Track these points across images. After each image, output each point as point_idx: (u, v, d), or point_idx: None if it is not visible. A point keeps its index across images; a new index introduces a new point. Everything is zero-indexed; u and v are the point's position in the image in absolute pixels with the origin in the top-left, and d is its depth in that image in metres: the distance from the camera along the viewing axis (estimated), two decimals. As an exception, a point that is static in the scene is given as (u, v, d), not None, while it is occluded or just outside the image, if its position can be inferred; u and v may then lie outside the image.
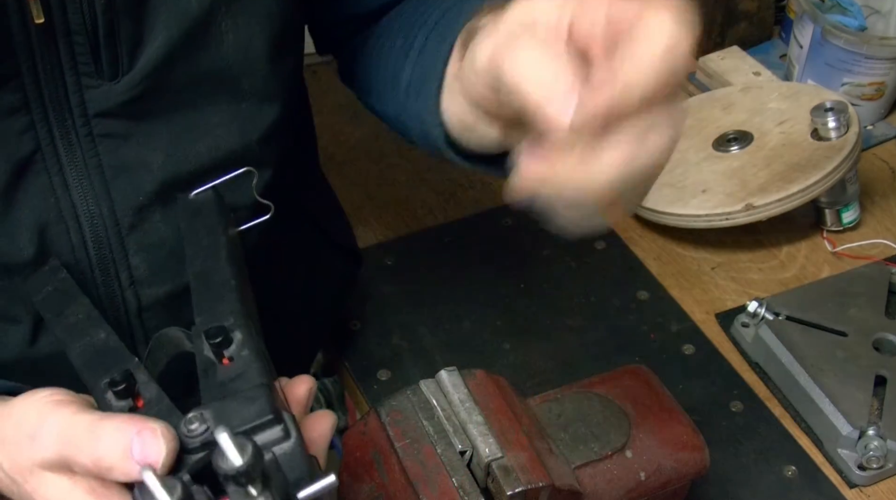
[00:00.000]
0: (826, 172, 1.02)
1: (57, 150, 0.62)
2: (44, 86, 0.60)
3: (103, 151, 0.63)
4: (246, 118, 0.68)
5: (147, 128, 0.64)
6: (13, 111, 0.60)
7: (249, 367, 0.50)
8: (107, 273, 0.67)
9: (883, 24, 1.24)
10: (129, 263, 0.67)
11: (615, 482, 0.69)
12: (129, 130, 0.63)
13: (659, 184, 1.09)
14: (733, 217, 1.03)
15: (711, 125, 1.14)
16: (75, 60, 0.60)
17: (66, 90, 0.61)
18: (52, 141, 0.62)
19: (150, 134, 0.64)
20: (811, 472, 0.89)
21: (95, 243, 0.65)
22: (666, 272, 1.07)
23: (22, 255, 0.64)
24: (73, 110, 0.62)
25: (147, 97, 0.63)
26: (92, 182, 0.64)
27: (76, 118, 0.62)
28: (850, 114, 1.05)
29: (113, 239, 0.66)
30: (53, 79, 0.60)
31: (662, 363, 0.97)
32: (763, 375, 0.97)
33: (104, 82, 0.61)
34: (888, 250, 1.09)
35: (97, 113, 0.62)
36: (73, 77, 0.60)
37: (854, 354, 0.93)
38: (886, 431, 0.87)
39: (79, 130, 0.62)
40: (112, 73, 0.61)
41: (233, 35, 0.64)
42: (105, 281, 0.67)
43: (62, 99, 0.61)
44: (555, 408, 0.71)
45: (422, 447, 0.65)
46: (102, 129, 0.63)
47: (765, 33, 1.35)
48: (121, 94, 0.62)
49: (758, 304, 0.97)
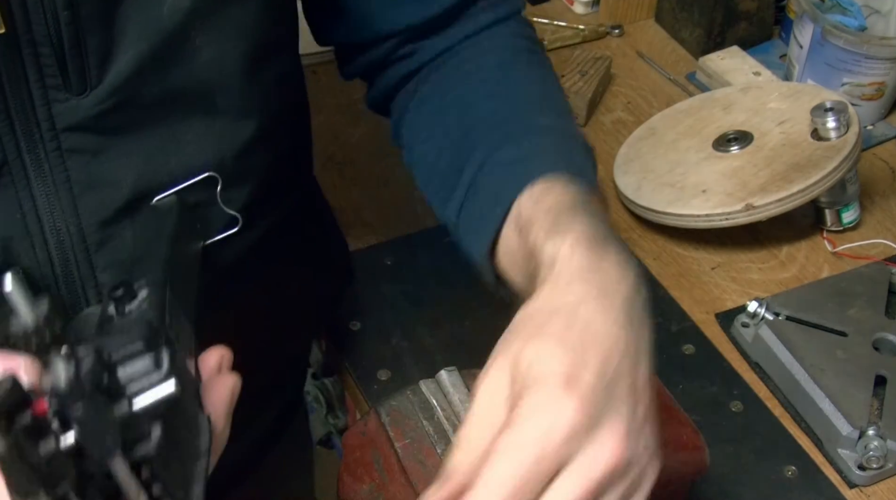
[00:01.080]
0: (826, 172, 1.02)
1: (24, 163, 0.60)
2: (9, 97, 0.58)
3: (72, 167, 0.61)
4: (221, 135, 0.66)
5: (118, 144, 0.62)
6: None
7: (145, 315, 0.47)
8: (73, 290, 0.65)
9: (883, 24, 1.24)
10: (96, 279, 0.65)
11: (615, 482, 0.69)
12: (99, 146, 0.62)
13: (659, 184, 1.10)
14: (733, 217, 1.03)
15: (711, 125, 1.14)
16: (42, 72, 0.58)
17: (34, 103, 0.59)
18: (20, 154, 0.60)
19: (121, 150, 0.62)
20: (811, 472, 0.89)
21: (62, 260, 0.64)
22: (666, 272, 1.07)
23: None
24: (40, 124, 0.60)
25: (117, 112, 0.61)
26: (60, 198, 0.62)
27: (44, 132, 0.60)
28: (850, 114, 1.05)
29: (80, 256, 0.64)
30: (19, 91, 0.58)
31: (662, 363, 0.96)
32: (763, 375, 0.97)
33: (72, 96, 0.59)
34: (888, 249, 1.09)
35: (65, 127, 0.60)
36: (40, 90, 0.59)
37: (854, 354, 0.93)
38: (886, 431, 0.87)
39: (47, 144, 0.60)
40: (80, 87, 0.59)
41: (207, 50, 0.62)
42: (70, 297, 0.65)
43: (29, 112, 0.59)
44: (555, 408, 0.71)
45: (422, 447, 0.65)
46: (71, 144, 0.61)
47: (765, 33, 1.35)
48: (89, 108, 0.60)
49: (758, 304, 0.97)
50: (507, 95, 0.74)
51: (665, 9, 1.37)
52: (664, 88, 1.29)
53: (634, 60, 1.34)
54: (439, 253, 1.08)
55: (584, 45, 1.35)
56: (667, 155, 1.14)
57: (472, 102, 0.74)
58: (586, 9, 1.40)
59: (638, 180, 1.12)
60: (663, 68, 1.32)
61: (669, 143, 1.15)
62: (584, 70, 1.25)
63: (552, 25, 1.38)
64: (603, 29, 1.37)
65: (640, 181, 1.11)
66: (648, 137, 1.18)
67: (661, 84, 1.30)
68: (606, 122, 1.25)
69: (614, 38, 1.37)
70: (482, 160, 0.69)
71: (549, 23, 1.39)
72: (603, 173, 1.18)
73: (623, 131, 1.22)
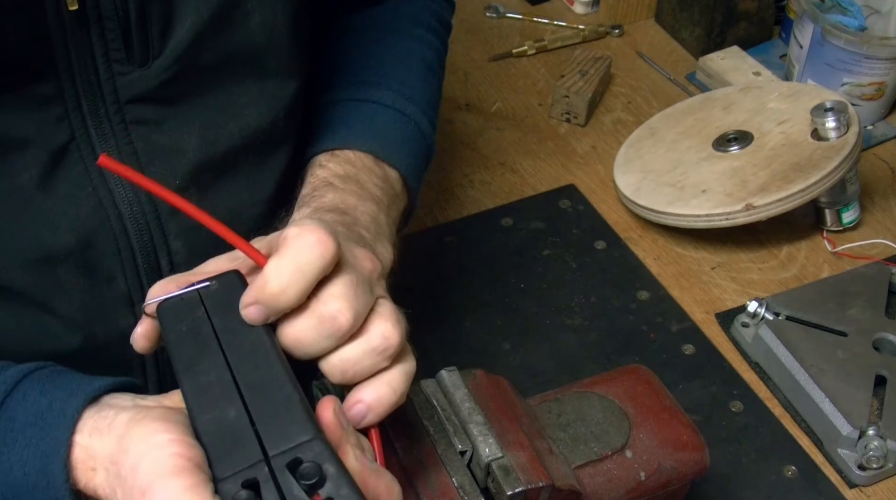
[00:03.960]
0: (826, 172, 1.02)
1: (91, 138, 0.63)
2: (77, 74, 0.60)
3: (136, 138, 0.64)
4: (273, 96, 0.69)
5: (178, 112, 0.65)
6: (47, 101, 0.60)
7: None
8: (148, 259, 0.67)
9: (883, 24, 1.24)
10: (168, 247, 0.67)
11: (615, 482, 0.69)
12: (161, 115, 0.64)
13: (659, 184, 1.10)
14: (733, 217, 1.03)
15: (711, 125, 1.14)
16: (107, 47, 0.60)
17: (99, 78, 0.61)
18: (86, 130, 0.62)
19: (182, 118, 0.65)
20: (811, 472, 0.89)
21: (136, 231, 0.66)
22: (666, 272, 1.07)
23: (63, 245, 0.64)
24: (105, 98, 0.62)
25: (177, 81, 0.63)
26: None
27: (109, 106, 0.62)
28: (850, 114, 1.05)
29: (153, 225, 0.66)
30: (86, 67, 0.60)
31: (662, 363, 0.97)
32: (763, 375, 0.97)
33: (135, 68, 0.62)
34: (888, 249, 1.09)
35: (129, 99, 0.63)
36: (105, 64, 0.61)
37: (854, 354, 0.93)
38: (886, 431, 0.87)
39: (112, 117, 0.63)
40: (143, 59, 0.61)
41: (259, 14, 0.65)
42: (147, 267, 0.67)
43: (95, 87, 0.61)
44: (555, 408, 0.71)
45: (422, 447, 0.65)
46: (135, 115, 0.63)
47: (765, 33, 1.35)
48: (152, 78, 0.62)
49: (758, 304, 0.97)
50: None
51: (665, 9, 1.37)
52: (664, 88, 1.29)
53: (634, 60, 1.34)
54: (439, 253, 1.08)
55: (584, 45, 1.35)
56: (667, 155, 1.14)
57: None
58: (586, 9, 1.40)
59: (638, 180, 1.12)
60: (663, 68, 1.32)
61: (669, 143, 1.15)
62: (584, 70, 1.25)
63: (552, 25, 1.38)
64: (603, 29, 1.37)
65: (640, 181, 1.11)
66: (648, 137, 1.18)
67: (661, 84, 1.30)
68: (606, 122, 1.25)
69: (614, 38, 1.37)
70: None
71: (549, 23, 1.39)
72: (603, 173, 1.18)
73: (623, 131, 1.22)
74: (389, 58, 0.80)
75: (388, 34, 0.82)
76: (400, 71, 0.79)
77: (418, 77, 0.80)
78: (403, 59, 0.81)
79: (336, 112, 0.76)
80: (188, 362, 0.52)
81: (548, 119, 1.25)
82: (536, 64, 1.33)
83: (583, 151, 1.21)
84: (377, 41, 0.81)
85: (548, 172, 1.18)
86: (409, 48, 0.82)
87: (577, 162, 1.19)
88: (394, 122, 0.76)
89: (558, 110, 1.24)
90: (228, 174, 0.69)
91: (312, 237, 0.52)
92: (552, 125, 1.24)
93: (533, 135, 1.23)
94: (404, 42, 0.82)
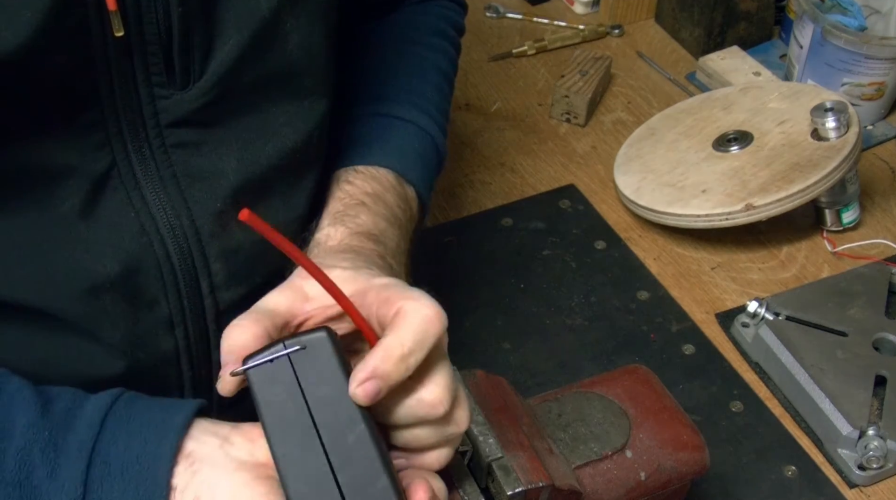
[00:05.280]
0: (826, 172, 1.02)
1: (132, 164, 0.62)
2: (119, 100, 0.60)
3: (177, 162, 0.63)
4: (308, 114, 0.68)
5: (218, 134, 0.64)
6: (90, 127, 0.60)
7: None
8: (190, 283, 0.66)
9: (883, 24, 1.24)
10: (209, 269, 0.66)
11: (615, 482, 0.69)
12: (200, 138, 0.64)
13: (659, 184, 1.10)
14: (733, 217, 1.03)
15: (711, 125, 1.14)
16: (149, 72, 0.60)
17: (140, 103, 0.61)
18: (127, 155, 0.62)
19: (221, 140, 0.64)
20: (811, 472, 0.89)
21: (179, 255, 0.65)
22: (666, 272, 1.07)
23: (108, 274, 0.63)
24: (146, 122, 0.61)
25: (217, 103, 0.63)
26: (168, 194, 0.63)
27: (149, 130, 0.62)
28: (850, 114, 1.05)
29: (195, 248, 0.65)
30: (127, 92, 0.60)
31: (662, 363, 0.97)
32: (763, 375, 0.97)
33: (175, 92, 0.61)
34: (888, 249, 1.09)
35: (169, 123, 0.62)
36: (147, 89, 0.60)
37: (854, 354, 0.93)
38: (886, 431, 0.87)
39: (152, 142, 0.62)
40: (184, 82, 0.61)
41: (297, 34, 0.65)
42: (189, 290, 0.66)
43: (136, 112, 0.61)
44: (555, 408, 0.71)
45: (422, 447, 0.65)
46: (175, 139, 0.63)
47: (765, 33, 1.35)
48: (192, 101, 0.62)
49: (758, 304, 0.97)
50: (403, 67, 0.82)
51: (665, 9, 1.37)
52: (664, 88, 1.29)
53: (634, 60, 1.34)
54: (439, 253, 1.08)
55: (584, 45, 1.35)
56: (667, 155, 1.14)
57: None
58: (586, 9, 1.40)
59: (638, 180, 1.12)
60: (663, 68, 1.32)
61: (669, 143, 1.15)
62: (584, 70, 1.25)
63: (552, 25, 1.38)
64: (603, 29, 1.37)
65: (640, 181, 1.11)
66: (648, 137, 1.18)
67: (661, 84, 1.30)
68: (606, 122, 1.25)
69: (614, 38, 1.37)
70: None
71: (549, 23, 1.39)
72: (603, 173, 1.18)
73: (623, 131, 1.22)
74: (407, 71, 0.81)
75: (405, 45, 0.82)
76: (418, 84, 0.80)
77: (434, 88, 0.81)
78: (421, 72, 0.81)
79: (358, 127, 0.76)
80: (282, 437, 0.52)
81: (548, 119, 1.25)
82: (536, 64, 1.33)
83: (583, 151, 1.21)
84: (395, 54, 0.82)
85: (548, 172, 1.18)
86: (427, 59, 0.82)
87: (577, 162, 1.19)
88: (412, 137, 0.77)
89: (558, 110, 1.24)
90: (266, 195, 0.69)
91: (430, 313, 0.54)
92: (552, 125, 1.24)
93: (533, 135, 1.23)
94: (421, 53, 0.82)
